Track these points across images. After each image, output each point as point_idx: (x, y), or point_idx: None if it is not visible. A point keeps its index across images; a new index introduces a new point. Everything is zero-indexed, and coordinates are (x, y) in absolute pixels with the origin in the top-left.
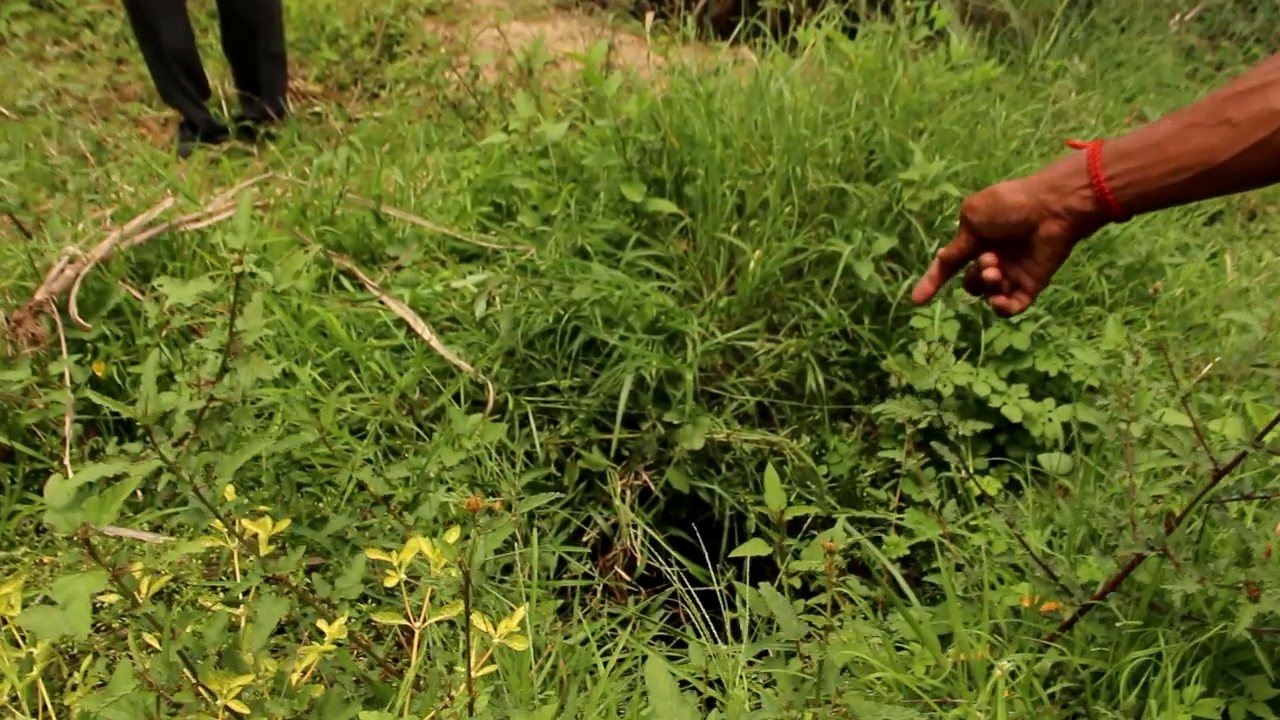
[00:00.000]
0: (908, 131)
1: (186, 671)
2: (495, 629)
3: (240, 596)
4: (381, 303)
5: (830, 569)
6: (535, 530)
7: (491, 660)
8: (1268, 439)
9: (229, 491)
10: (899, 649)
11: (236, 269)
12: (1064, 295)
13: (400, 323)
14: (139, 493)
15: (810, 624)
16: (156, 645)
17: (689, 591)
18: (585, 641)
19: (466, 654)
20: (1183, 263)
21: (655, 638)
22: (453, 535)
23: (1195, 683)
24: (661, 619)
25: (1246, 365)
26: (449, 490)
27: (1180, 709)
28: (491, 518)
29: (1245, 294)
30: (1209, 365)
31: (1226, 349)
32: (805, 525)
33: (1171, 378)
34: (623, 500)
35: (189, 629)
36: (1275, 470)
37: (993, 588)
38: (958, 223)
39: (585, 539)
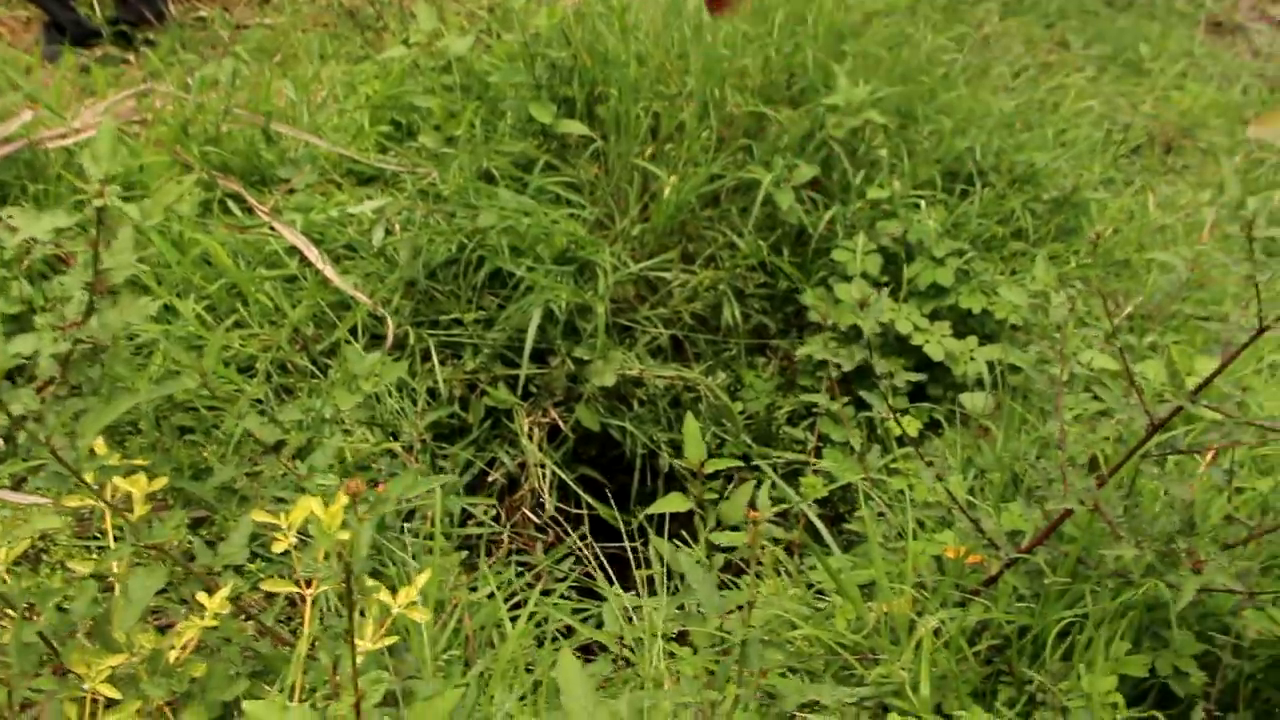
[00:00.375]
0: (831, 54)
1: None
2: (395, 597)
3: (114, 565)
4: (272, 229)
5: (754, 542)
6: (438, 474)
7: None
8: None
9: (99, 445)
10: (818, 596)
11: (98, 202)
12: (988, 229)
13: (292, 251)
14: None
15: (732, 582)
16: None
17: (598, 540)
18: (492, 595)
19: (353, 661)
20: (1107, 198)
21: (569, 587)
22: (336, 511)
23: (1121, 638)
24: (572, 567)
25: (1169, 305)
26: (346, 433)
27: (1106, 666)
28: (388, 472)
29: (1164, 231)
30: (1130, 305)
31: (1148, 288)
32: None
33: (1108, 320)
34: (530, 439)
35: (53, 603)
36: (1197, 417)
37: (914, 536)
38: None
39: (491, 479)
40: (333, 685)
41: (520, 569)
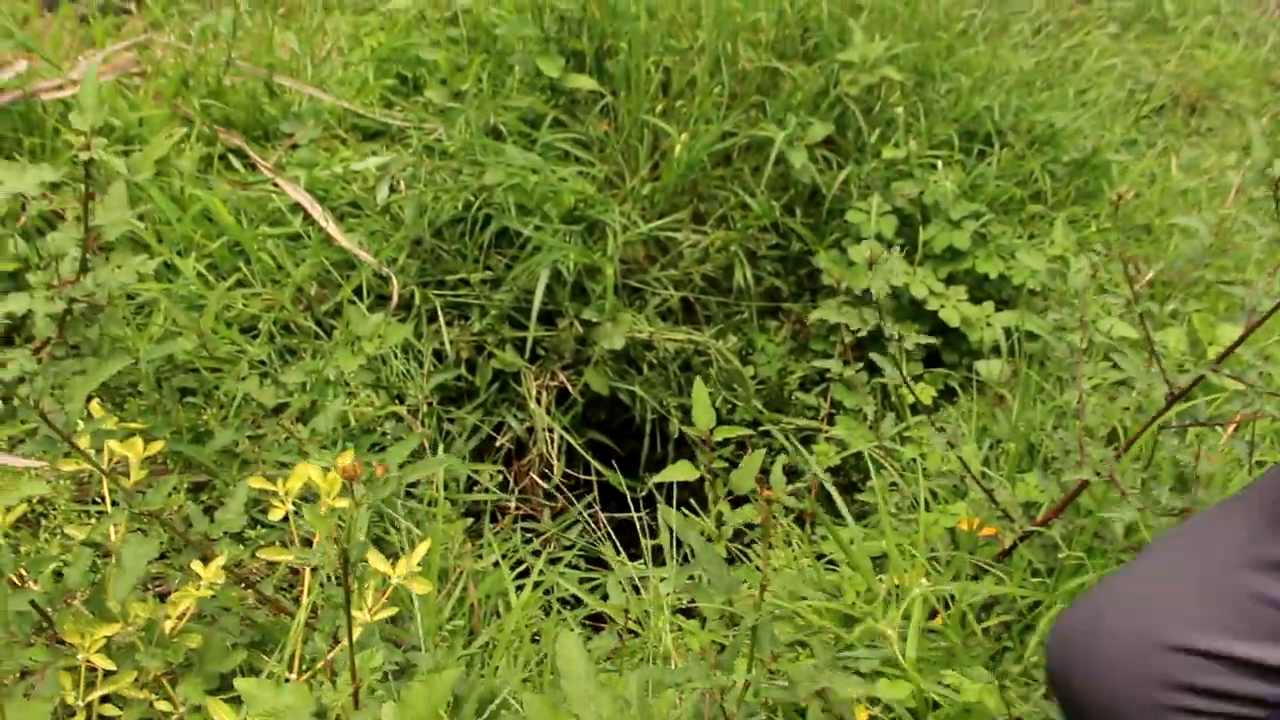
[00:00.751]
0: (846, 8)
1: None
2: (396, 566)
3: (110, 531)
4: (275, 185)
5: (766, 521)
6: (444, 437)
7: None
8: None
9: (95, 408)
10: (829, 567)
11: (84, 155)
12: (1006, 191)
13: (296, 208)
14: None
15: (742, 553)
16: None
17: (606, 506)
18: (498, 563)
19: (349, 638)
20: (1128, 160)
21: (576, 555)
22: (334, 480)
23: None
24: (580, 534)
25: (1191, 271)
26: (351, 395)
27: None
28: (394, 436)
29: (1186, 195)
30: (1151, 271)
31: (1170, 253)
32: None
33: (1129, 287)
34: (538, 403)
35: (49, 570)
36: (1219, 387)
37: (927, 507)
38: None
39: (498, 444)
40: (328, 670)
41: (527, 536)
